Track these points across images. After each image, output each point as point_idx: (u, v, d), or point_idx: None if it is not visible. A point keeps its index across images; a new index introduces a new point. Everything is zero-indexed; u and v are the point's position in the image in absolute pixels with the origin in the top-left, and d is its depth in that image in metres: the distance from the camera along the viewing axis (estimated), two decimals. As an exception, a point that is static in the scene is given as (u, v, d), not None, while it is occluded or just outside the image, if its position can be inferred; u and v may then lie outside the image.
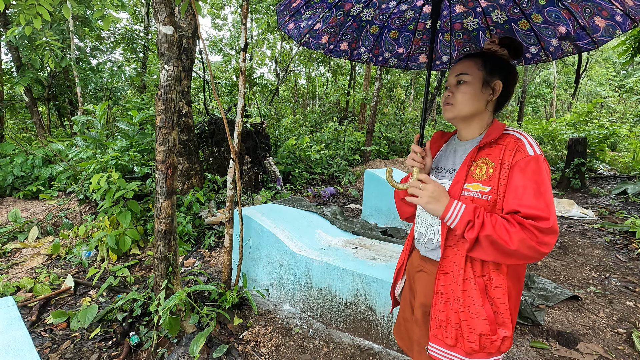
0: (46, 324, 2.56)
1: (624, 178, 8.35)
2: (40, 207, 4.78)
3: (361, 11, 1.57)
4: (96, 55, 9.56)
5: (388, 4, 1.56)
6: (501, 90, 1.12)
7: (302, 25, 1.58)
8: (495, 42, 1.15)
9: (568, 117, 11.16)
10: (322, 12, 1.52)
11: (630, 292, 3.14)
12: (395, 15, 1.60)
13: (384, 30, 1.66)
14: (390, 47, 1.72)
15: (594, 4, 1.24)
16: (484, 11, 1.51)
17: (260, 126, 6.93)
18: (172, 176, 2.31)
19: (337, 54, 1.72)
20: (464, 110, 1.13)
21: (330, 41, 1.66)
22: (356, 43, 1.69)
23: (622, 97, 21.29)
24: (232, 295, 2.57)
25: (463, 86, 1.13)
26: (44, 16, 2.33)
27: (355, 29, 1.63)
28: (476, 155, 1.09)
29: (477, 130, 1.17)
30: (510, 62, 1.16)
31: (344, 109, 15.48)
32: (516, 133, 1.07)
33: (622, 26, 1.26)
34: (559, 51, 1.45)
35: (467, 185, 1.07)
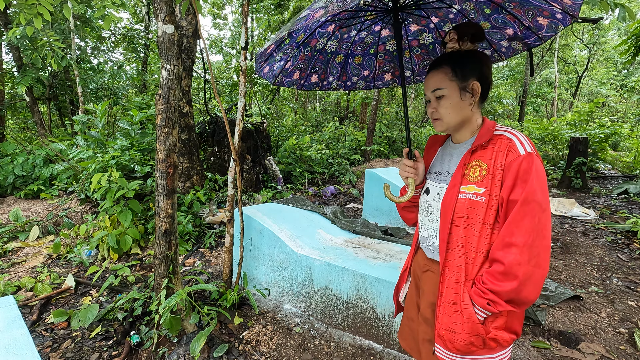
0: (47, 323, 2.56)
1: (625, 178, 8.33)
2: (41, 206, 4.78)
3: (325, 44, 1.72)
4: (97, 54, 9.57)
5: (349, 34, 1.71)
6: (479, 87, 1.11)
7: (275, 67, 1.72)
8: (455, 38, 1.13)
9: (569, 117, 11.14)
10: (291, 51, 1.65)
11: (632, 292, 3.13)
12: (356, 42, 1.76)
13: (349, 57, 1.81)
14: (357, 71, 1.87)
15: (534, 7, 1.37)
16: (436, 26, 1.65)
17: (261, 125, 6.93)
18: (172, 175, 2.31)
19: (309, 86, 1.86)
20: (452, 122, 1.15)
21: (301, 76, 1.80)
22: (325, 74, 1.83)
23: (624, 97, 21.24)
24: (232, 294, 2.57)
25: (443, 101, 1.13)
26: (45, 16, 2.33)
27: (322, 61, 1.78)
28: (470, 157, 1.11)
29: (468, 133, 1.18)
30: (477, 48, 1.15)
31: (344, 109, 15.47)
32: (506, 133, 1.08)
33: (563, 22, 1.38)
34: (510, 50, 1.59)
35: (463, 188, 1.09)
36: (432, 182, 1.25)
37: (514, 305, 0.98)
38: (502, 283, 0.96)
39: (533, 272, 0.95)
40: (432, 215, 1.22)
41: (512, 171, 1.00)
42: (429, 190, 1.25)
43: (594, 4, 2.59)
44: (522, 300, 0.97)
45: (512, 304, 0.98)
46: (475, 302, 1.03)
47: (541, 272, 0.96)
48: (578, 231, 4.77)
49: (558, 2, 1.29)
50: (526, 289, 0.95)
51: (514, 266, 0.94)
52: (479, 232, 1.05)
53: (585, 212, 5.50)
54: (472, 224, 1.06)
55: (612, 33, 21.13)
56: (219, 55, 16.45)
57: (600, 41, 20.44)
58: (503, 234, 0.99)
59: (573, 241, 4.39)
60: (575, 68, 21.29)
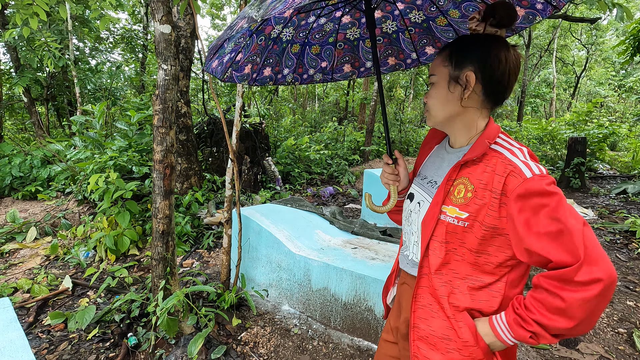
0: (44, 325, 2.55)
1: (623, 177, 8.35)
2: (38, 207, 4.76)
3: (281, 32, 1.54)
4: (95, 55, 9.55)
5: (307, 20, 1.54)
6: (480, 79, 0.92)
7: (225, 60, 1.53)
8: (476, 18, 0.94)
9: (568, 117, 11.17)
10: (244, 40, 1.48)
11: (631, 292, 3.13)
12: (314, 30, 1.59)
13: (305, 47, 1.64)
14: (314, 62, 1.71)
15: None
16: (401, 13, 1.51)
17: (260, 126, 6.92)
18: (169, 176, 2.30)
19: (262, 81, 1.69)
20: (438, 116, 0.99)
21: (253, 70, 1.62)
22: (279, 66, 1.66)
23: (622, 97, 21.30)
24: (230, 295, 2.56)
25: (432, 89, 0.99)
26: (41, 16, 2.32)
27: (277, 51, 1.61)
28: (458, 172, 0.94)
29: (464, 137, 0.99)
30: (499, 36, 0.94)
31: (343, 109, 15.47)
32: (506, 151, 0.88)
33: (542, 13, 1.26)
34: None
35: (444, 208, 0.93)
36: (416, 187, 1.10)
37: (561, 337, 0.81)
38: (558, 319, 0.76)
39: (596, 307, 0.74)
40: (412, 227, 1.07)
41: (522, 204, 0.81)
42: (413, 197, 1.09)
43: (592, 4, 2.59)
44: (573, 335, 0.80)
45: (559, 337, 0.81)
46: (513, 331, 0.83)
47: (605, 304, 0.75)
48: (577, 231, 4.77)
49: None
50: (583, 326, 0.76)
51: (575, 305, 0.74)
52: (461, 256, 0.91)
53: (584, 212, 5.50)
54: (453, 248, 0.92)
55: (610, 33, 21.20)
56: (218, 55, 16.39)
57: (598, 41, 20.51)
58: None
59: (572, 241, 4.39)
60: (574, 68, 21.35)
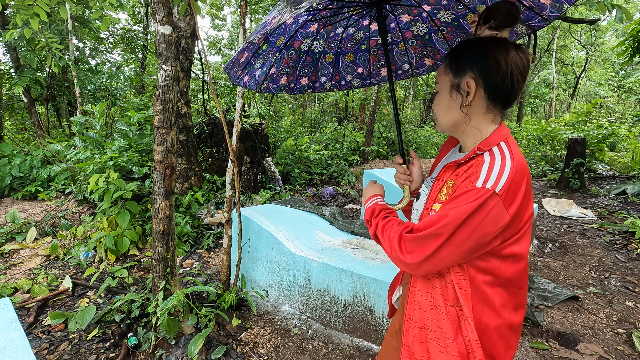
0: (44, 325, 2.55)
1: (623, 178, 8.35)
2: (38, 207, 4.77)
3: (311, 45, 1.60)
4: (95, 55, 9.55)
5: (335, 31, 1.59)
6: (481, 85, 0.91)
7: (257, 74, 1.59)
8: (475, 21, 0.93)
9: (567, 118, 11.17)
10: (273, 56, 1.53)
11: (630, 292, 3.14)
12: (345, 39, 1.64)
13: (339, 55, 1.69)
14: (350, 69, 1.76)
15: None
16: (429, 15, 1.52)
17: (260, 126, 6.92)
18: (170, 176, 2.31)
19: (300, 90, 1.75)
20: (443, 124, 1.02)
21: (289, 80, 1.68)
22: (315, 75, 1.72)
23: (621, 98, 21.32)
24: (230, 296, 2.56)
25: (437, 97, 1.01)
26: (42, 17, 2.32)
27: (311, 62, 1.67)
28: (450, 174, 0.98)
29: (471, 142, 0.99)
30: (503, 38, 0.92)
31: (343, 110, 15.48)
32: (488, 156, 0.89)
33: (568, 0, 1.24)
34: (513, 34, 1.45)
35: (434, 206, 0.97)
36: (424, 186, 1.13)
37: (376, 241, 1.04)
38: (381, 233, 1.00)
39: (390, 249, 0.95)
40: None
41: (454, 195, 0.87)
42: (419, 196, 1.13)
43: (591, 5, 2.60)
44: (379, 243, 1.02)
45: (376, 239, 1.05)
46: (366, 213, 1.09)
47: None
48: (576, 232, 4.78)
49: None
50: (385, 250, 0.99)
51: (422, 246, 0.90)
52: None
53: (583, 213, 5.51)
54: None
55: (609, 34, 21.23)
56: (218, 56, 16.47)
57: (597, 42, 20.53)
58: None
59: (571, 242, 4.40)
60: (573, 69, 21.36)
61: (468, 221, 0.82)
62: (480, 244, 0.85)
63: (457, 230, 0.83)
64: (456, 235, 0.83)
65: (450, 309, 0.93)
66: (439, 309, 0.95)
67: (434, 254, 0.87)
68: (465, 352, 0.91)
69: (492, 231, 0.84)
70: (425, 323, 0.97)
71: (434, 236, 0.86)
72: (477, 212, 0.81)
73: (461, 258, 0.88)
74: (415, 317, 1.00)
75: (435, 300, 0.96)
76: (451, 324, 0.92)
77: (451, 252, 0.86)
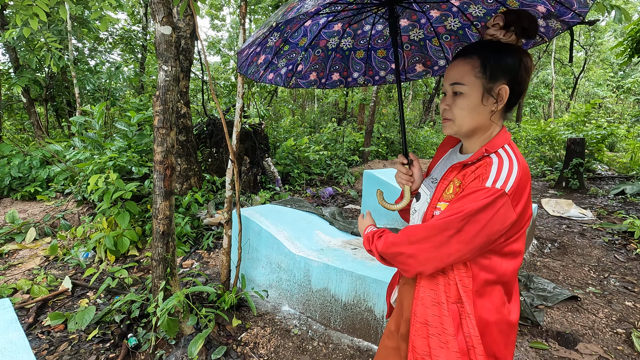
0: (43, 325, 2.55)
1: (622, 178, 8.37)
2: (37, 208, 4.76)
3: (339, 42, 1.60)
4: (94, 55, 9.54)
5: (363, 29, 1.58)
6: (509, 92, 0.93)
7: (283, 72, 1.59)
8: (500, 24, 0.91)
9: (566, 118, 11.20)
10: (297, 55, 1.54)
11: (629, 292, 3.14)
12: (375, 36, 1.62)
13: (370, 52, 1.68)
14: (383, 65, 1.74)
15: None
16: (460, 9, 1.48)
17: (259, 127, 6.92)
18: (170, 177, 2.31)
19: (332, 85, 1.75)
20: (464, 127, 0.98)
21: (320, 76, 1.69)
22: (347, 71, 1.72)
23: (620, 98, 21.37)
24: (230, 296, 2.56)
25: (459, 99, 0.96)
26: (41, 17, 2.32)
27: (341, 59, 1.66)
28: (457, 173, 0.98)
29: (477, 145, 1.01)
30: (520, 46, 0.95)
31: (342, 110, 15.49)
32: (496, 157, 0.91)
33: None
34: (550, 30, 1.39)
35: (439, 205, 0.98)
36: (424, 187, 1.15)
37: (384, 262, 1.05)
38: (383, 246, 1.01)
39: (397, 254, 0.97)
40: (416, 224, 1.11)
41: (462, 194, 0.89)
42: (419, 196, 1.14)
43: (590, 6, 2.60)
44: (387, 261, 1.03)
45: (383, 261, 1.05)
46: (365, 245, 1.11)
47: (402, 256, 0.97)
48: (575, 232, 4.79)
49: None
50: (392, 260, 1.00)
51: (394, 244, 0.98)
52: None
53: (582, 213, 5.52)
54: None
55: (608, 34, 21.27)
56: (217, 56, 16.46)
57: (596, 43, 20.58)
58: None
59: (570, 242, 4.41)
60: (572, 69, 21.40)
61: (476, 217, 0.84)
62: (488, 242, 0.88)
63: (465, 226, 0.85)
64: (464, 231, 0.86)
65: (452, 305, 0.95)
66: (441, 306, 0.96)
67: (441, 248, 0.89)
68: (466, 348, 0.92)
69: (500, 229, 0.86)
70: (427, 319, 0.99)
71: (442, 229, 0.88)
72: (486, 210, 0.84)
73: (469, 255, 0.90)
74: (418, 313, 1.01)
75: (438, 296, 0.97)
76: (452, 320, 0.94)
77: (460, 249, 0.88)
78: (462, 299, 0.94)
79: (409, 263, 0.95)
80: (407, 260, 0.95)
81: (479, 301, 0.93)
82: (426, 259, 0.91)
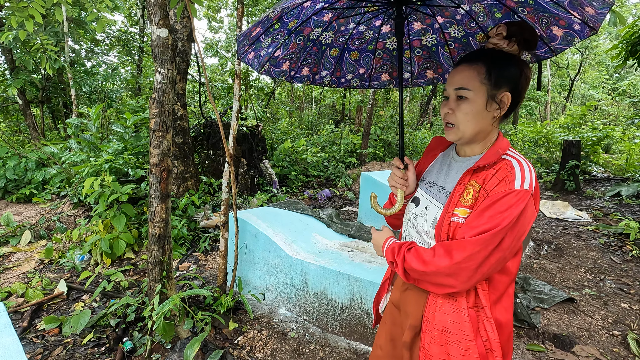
0: (38, 330, 2.53)
1: (617, 180, 8.42)
2: (33, 210, 4.73)
3: (320, 35, 1.57)
4: (91, 57, 9.51)
5: (347, 25, 1.58)
6: (510, 100, 0.97)
7: (262, 53, 1.57)
8: (503, 34, 0.95)
9: (562, 120, 11.25)
10: (281, 38, 1.50)
11: (625, 294, 3.15)
12: (354, 36, 1.62)
13: (344, 52, 1.67)
14: (352, 68, 1.73)
15: (550, 15, 1.23)
16: (441, 27, 1.52)
17: (256, 129, 6.92)
18: (166, 180, 2.30)
19: (299, 79, 1.72)
20: (467, 132, 1.00)
21: (291, 67, 1.66)
22: (317, 67, 1.70)
23: (615, 100, 21.52)
24: (227, 299, 2.55)
25: (464, 104, 0.98)
26: (37, 18, 2.31)
27: (316, 53, 1.64)
28: (470, 177, 0.98)
29: (478, 149, 1.04)
30: (521, 57, 0.99)
31: (340, 112, 15.51)
32: (513, 160, 0.94)
33: (580, 34, 1.25)
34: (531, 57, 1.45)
35: (456, 210, 0.97)
36: (422, 192, 1.14)
37: (408, 278, 1.00)
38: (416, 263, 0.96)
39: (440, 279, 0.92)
40: (418, 229, 1.10)
41: (492, 200, 0.88)
42: (418, 201, 1.13)
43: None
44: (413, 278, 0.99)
45: (407, 277, 1.00)
46: (387, 255, 1.05)
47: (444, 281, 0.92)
48: (572, 233, 4.81)
49: (579, 12, 1.15)
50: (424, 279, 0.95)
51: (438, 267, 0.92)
52: None
53: (578, 215, 5.54)
54: None
55: (603, 37, 21.45)
56: (215, 58, 16.45)
57: (592, 45, 20.72)
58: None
59: (567, 243, 4.42)
60: (568, 72, 21.54)
61: (516, 223, 0.87)
62: (519, 243, 0.90)
63: (507, 234, 0.87)
64: (505, 239, 0.87)
65: (470, 310, 0.95)
66: (461, 312, 0.96)
67: (485, 263, 0.87)
68: (485, 352, 0.93)
69: (528, 229, 0.90)
70: (446, 325, 0.97)
71: (488, 244, 0.86)
72: (522, 214, 0.87)
73: (506, 261, 0.91)
74: (435, 320, 0.99)
75: (457, 303, 0.96)
76: (471, 325, 0.94)
77: (499, 258, 0.88)
78: (481, 303, 0.94)
79: (445, 283, 0.91)
80: (444, 280, 0.91)
81: (496, 304, 0.96)
82: (468, 277, 0.88)
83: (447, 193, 1.05)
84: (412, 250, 1.00)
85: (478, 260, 0.87)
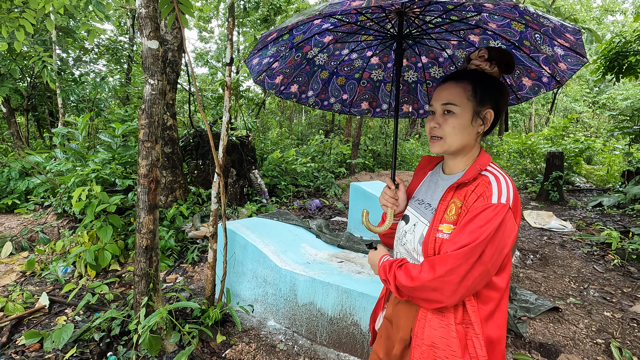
0: (18, 345, 2.44)
1: (599, 190, 8.66)
2: (15, 221, 4.60)
3: (316, 55, 1.65)
4: (79, 66, 9.42)
5: (341, 51, 1.66)
6: (493, 117, 1.03)
7: (264, 62, 1.61)
8: (485, 56, 1.02)
9: (546, 132, 11.57)
10: (284, 50, 1.56)
11: (608, 303, 3.23)
12: (345, 62, 1.70)
13: (333, 76, 1.75)
14: (337, 92, 1.81)
15: (524, 67, 1.31)
16: (424, 66, 1.63)
17: (246, 139, 6.92)
18: (154, 191, 2.28)
19: (287, 95, 1.78)
20: (453, 146, 1.04)
21: (282, 82, 1.71)
22: (305, 87, 1.76)
23: (596, 113, 22.24)
24: (215, 311, 2.52)
25: (451, 119, 1.02)
26: (27, 28, 2.30)
27: (308, 72, 1.71)
28: (453, 194, 1.02)
29: (461, 164, 1.08)
30: (500, 79, 1.06)
31: (330, 122, 15.63)
32: (491, 175, 0.98)
33: (547, 86, 1.33)
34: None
35: (440, 227, 1.00)
36: (412, 209, 1.17)
37: (401, 295, 1.02)
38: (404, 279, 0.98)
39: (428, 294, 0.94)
40: (406, 246, 1.12)
41: (472, 215, 0.92)
42: (408, 219, 1.16)
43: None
44: (406, 295, 1.01)
45: (400, 294, 1.02)
46: (380, 274, 1.08)
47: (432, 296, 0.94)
48: (556, 243, 4.91)
49: (550, 67, 1.21)
50: (413, 294, 0.98)
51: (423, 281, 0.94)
52: None
53: (562, 225, 5.67)
54: None
55: (583, 53, 22.17)
56: (205, 67, 16.48)
57: (572, 60, 21.45)
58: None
59: (551, 253, 4.51)
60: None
61: (495, 236, 0.89)
62: (502, 257, 0.92)
63: (487, 248, 0.89)
64: (486, 253, 0.89)
65: (458, 326, 0.96)
66: (449, 327, 0.97)
67: (467, 277, 0.90)
68: None
69: (509, 242, 0.92)
70: (434, 341, 0.98)
71: (467, 257, 0.89)
72: (500, 227, 0.89)
73: (490, 276, 0.93)
74: (424, 335, 1.01)
75: (446, 318, 0.98)
76: (459, 341, 0.95)
77: (482, 272, 0.91)
78: (470, 319, 0.96)
79: (432, 297, 0.94)
80: (430, 295, 0.94)
81: (488, 320, 0.97)
82: (453, 291, 0.91)
83: (433, 210, 1.08)
84: (402, 267, 1.02)
85: (460, 274, 0.89)
